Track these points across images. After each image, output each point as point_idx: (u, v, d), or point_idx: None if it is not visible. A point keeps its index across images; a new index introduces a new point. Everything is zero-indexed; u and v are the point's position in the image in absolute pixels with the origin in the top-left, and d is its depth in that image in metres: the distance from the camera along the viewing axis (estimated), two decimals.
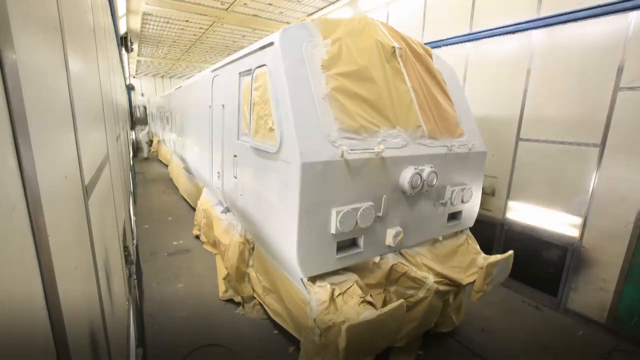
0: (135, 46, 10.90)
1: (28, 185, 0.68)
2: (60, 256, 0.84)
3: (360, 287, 2.87)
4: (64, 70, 1.09)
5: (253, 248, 4.18)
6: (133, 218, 5.14)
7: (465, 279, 3.30)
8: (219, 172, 4.64)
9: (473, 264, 3.47)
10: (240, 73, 3.72)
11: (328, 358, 2.80)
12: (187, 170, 8.30)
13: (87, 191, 1.27)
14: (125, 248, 2.74)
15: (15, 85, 0.65)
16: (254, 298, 4.13)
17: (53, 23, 0.99)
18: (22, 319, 0.64)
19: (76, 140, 1.18)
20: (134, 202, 5.76)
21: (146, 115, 18.40)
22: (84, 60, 1.60)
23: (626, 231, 3.76)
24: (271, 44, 2.97)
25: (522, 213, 4.80)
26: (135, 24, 8.72)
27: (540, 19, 4.29)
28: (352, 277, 2.91)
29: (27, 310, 0.67)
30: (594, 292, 4.09)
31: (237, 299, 4.31)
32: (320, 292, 2.71)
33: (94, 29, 2.13)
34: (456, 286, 3.25)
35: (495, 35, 4.83)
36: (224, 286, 4.47)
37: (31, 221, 0.69)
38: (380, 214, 2.95)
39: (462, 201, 3.59)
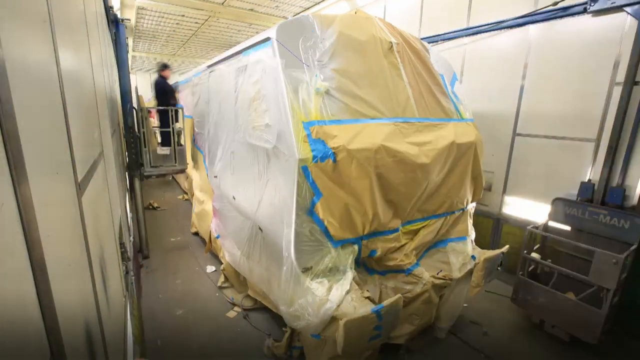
0: (130, 41, 10.76)
1: (17, 181, 0.66)
2: (53, 253, 0.83)
3: (357, 283, 2.88)
4: (54, 64, 1.07)
5: None
6: (130, 214, 5.11)
7: (461, 273, 3.32)
8: (215, 169, 4.62)
9: (469, 258, 3.49)
10: (236, 69, 3.69)
11: (326, 352, 2.82)
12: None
13: (80, 187, 1.25)
14: (122, 245, 2.73)
15: (3, 80, 0.64)
16: (250, 298, 4.13)
17: (42, 16, 0.97)
18: (14, 318, 0.63)
19: (68, 136, 1.16)
20: (131, 199, 5.71)
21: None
22: (76, 55, 1.58)
23: None
24: (267, 39, 2.94)
25: (519, 207, 4.82)
26: (130, 18, 8.59)
27: (538, 13, 4.28)
28: (350, 272, 2.92)
29: (19, 309, 0.66)
30: None
31: (237, 298, 4.32)
32: (317, 288, 2.71)
33: (87, 23, 2.09)
34: (452, 281, 3.27)
35: (493, 30, 4.81)
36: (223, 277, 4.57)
37: (21, 218, 0.68)
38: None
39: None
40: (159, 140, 6.34)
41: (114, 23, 5.02)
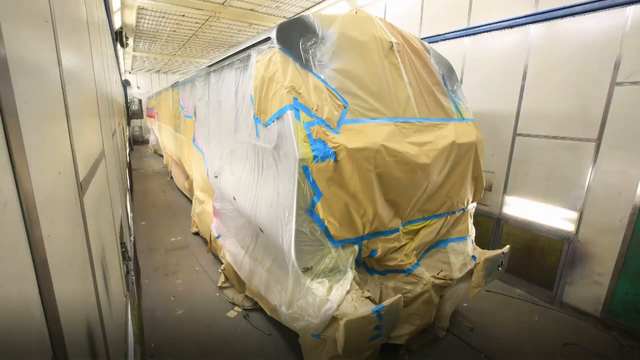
0: (130, 41, 10.77)
1: (20, 181, 0.66)
2: (55, 253, 0.83)
3: (358, 283, 2.88)
4: (56, 64, 1.07)
5: None
6: (130, 214, 5.11)
7: (461, 273, 3.32)
8: (216, 169, 4.62)
9: (469, 258, 3.49)
10: (236, 69, 3.69)
11: (326, 352, 2.82)
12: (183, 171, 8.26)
13: (82, 187, 1.26)
14: (122, 244, 2.73)
15: (6, 80, 0.64)
16: (250, 298, 4.13)
17: (44, 16, 0.97)
18: (17, 318, 0.63)
19: (70, 136, 1.16)
20: (131, 199, 5.72)
21: (141, 109, 19.49)
22: (78, 55, 1.58)
23: (621, 225, 3.80)
24: (268, 39, 2.94)
25: (519, 208, 4.82)
26: (130, 18, 8.60)
27: (538, 13, 4.28)
28: (350, 272, 2.92)
29: (21, 309, 0.66)
30: (589, 285, 4.13)
31: (237, 298, 4.32)
32: (318, 288, 2.71)
33: (88, 23, 2.09)
34: (452, 281, 3.27)
35: (493, 30, 4.82)
36: (223, 277, 4.59)
37: (24, 218, 0.68)
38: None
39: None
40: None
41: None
